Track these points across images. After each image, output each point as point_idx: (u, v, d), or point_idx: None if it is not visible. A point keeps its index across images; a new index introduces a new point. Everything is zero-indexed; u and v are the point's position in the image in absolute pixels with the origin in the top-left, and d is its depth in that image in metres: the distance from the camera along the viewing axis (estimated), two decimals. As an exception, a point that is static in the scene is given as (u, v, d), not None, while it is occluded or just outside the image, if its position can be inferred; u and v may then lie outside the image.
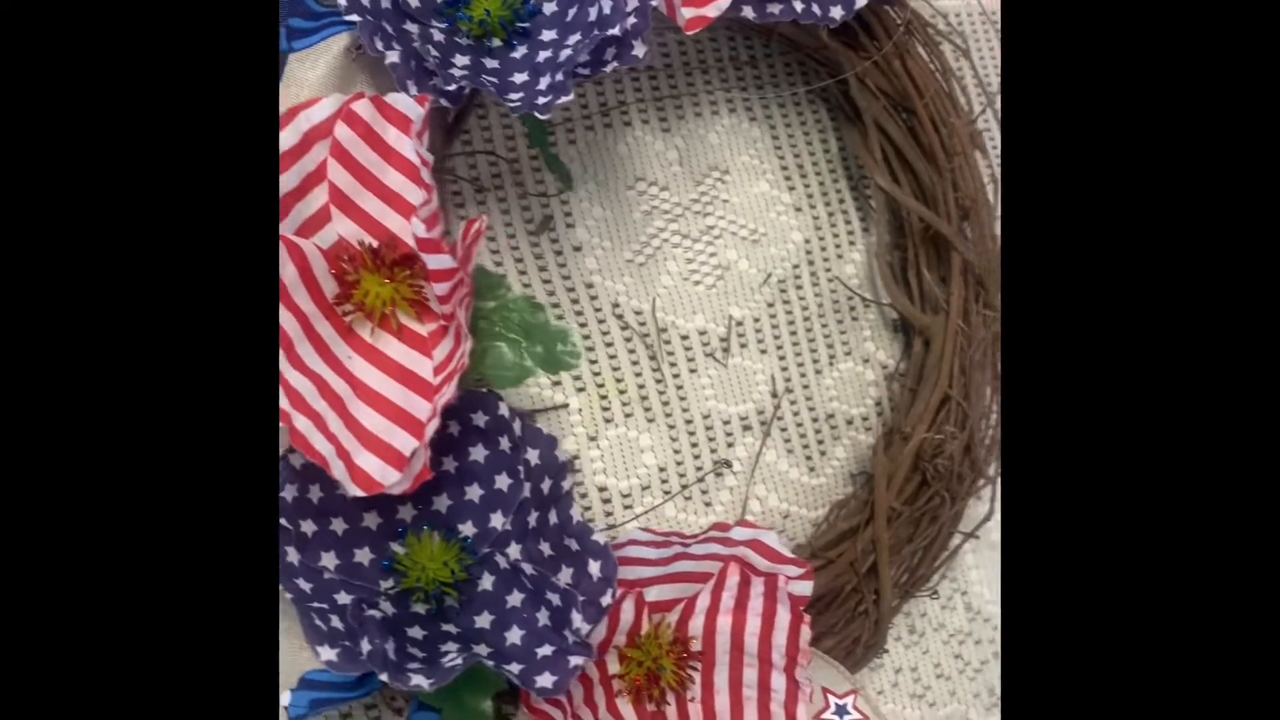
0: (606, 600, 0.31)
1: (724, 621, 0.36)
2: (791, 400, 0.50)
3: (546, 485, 0.32)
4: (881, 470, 0.47)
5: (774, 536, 0.36)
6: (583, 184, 0.47)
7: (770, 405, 0.49)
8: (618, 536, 0.36)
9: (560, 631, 0.31)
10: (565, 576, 0.32)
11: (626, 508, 0.45)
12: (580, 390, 0.46)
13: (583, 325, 0.46)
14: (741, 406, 0.49)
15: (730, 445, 0.48)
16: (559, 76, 0.33)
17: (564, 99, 0.33)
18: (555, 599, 0.31)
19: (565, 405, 0.45)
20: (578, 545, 0.32)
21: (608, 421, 0.46)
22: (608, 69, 0.35)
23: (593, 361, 0.46)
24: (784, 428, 0.50)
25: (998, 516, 0.53)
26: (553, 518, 0.32)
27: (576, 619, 0.31)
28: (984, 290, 0.51)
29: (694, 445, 0.48)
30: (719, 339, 0.49)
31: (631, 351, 0.47)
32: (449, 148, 0.39)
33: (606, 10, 0.34)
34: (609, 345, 0.47)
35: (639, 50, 0.34)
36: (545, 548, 0.32)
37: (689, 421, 0.48)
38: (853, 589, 0.45)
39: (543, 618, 0.31)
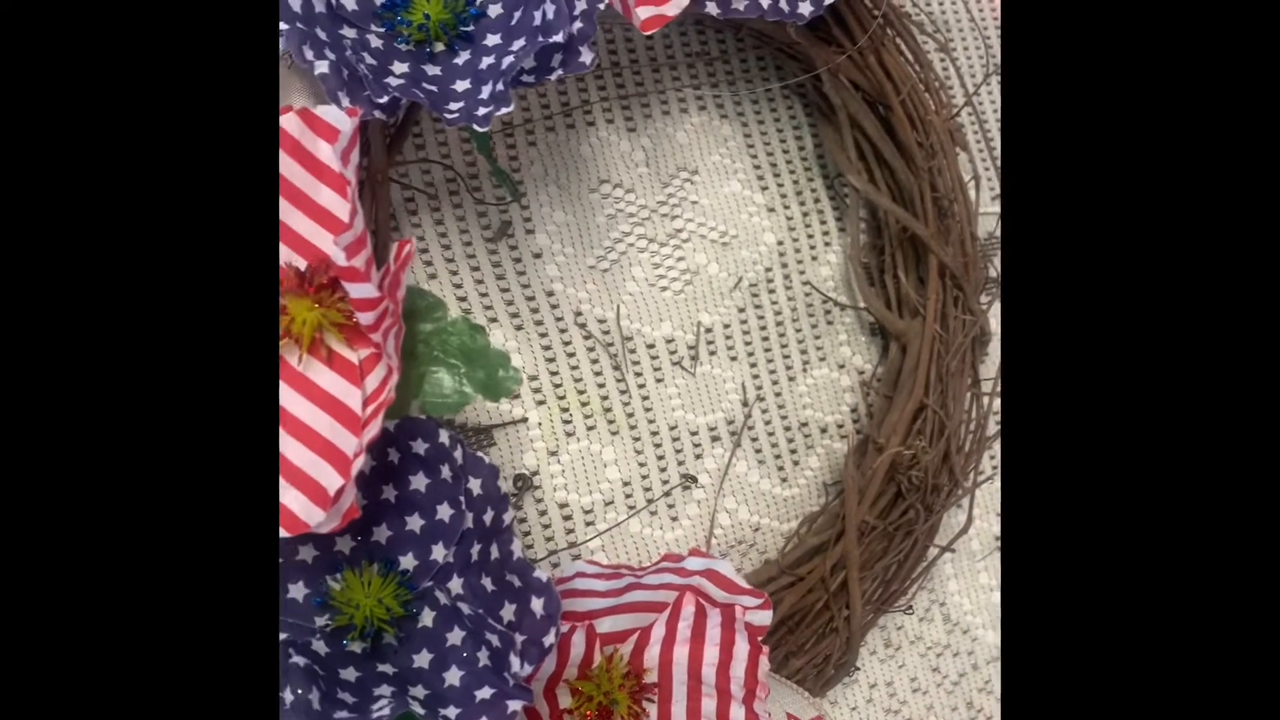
0: (550, 640, 0.30)
1: (680, 652, 0.35)
2: (763, 409, 0.48)
3: (489, 517, 0.31)
4: (853, 484, 0.45)
5: (729, 566, 0.35)
6: (544, 188, 0.46)
7: (741, 414, 0.48)
8: (561, 568, 0.34)
9: (500, 674, 0.29)
10: (508, 613, 0.31)
11: (589, 524, 0.44)
12: (540, 404, 0.44)
13: (543, 335, 0.45)
14: (710, 416, 0.47)
15: (699, 457, 0.47)
16: (500, 85, 0.31)
17: (504, 110, 0.31)
18: (494, 639, 0.30)
19: (524, 419, 0.43)
20: (520, 581, 0.31)
21: (569, 435, 0.44)
22: (553, 76, 0.33)
23: (553, 373, 0.45)
24: (755, 437, 0.48)
25: (977, 526, 0.52)
26: (494, 551, 0.31)
27: (515, 662, 0.29)
28: (962, 294, 0.49)
29: (660, 458, 0.46)
30: (687, 347, 0.47)
31: (595, 362, 0.45)
32: (394, 156, 0.37)
33: (550, 15, 0.32)
34: (571, 356, 0.45)
35: (586, 57, 0.33)
36: (488, 582, 0.31)
37: (655, 433, 0.46)
38: (823, 606, 0.44)
39: (483, 658, 0.30)
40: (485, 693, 0.29)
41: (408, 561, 0.32)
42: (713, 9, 0.41)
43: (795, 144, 0.51)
